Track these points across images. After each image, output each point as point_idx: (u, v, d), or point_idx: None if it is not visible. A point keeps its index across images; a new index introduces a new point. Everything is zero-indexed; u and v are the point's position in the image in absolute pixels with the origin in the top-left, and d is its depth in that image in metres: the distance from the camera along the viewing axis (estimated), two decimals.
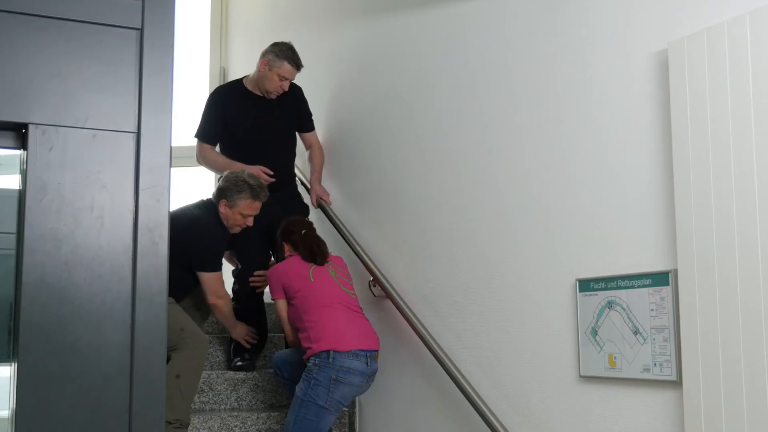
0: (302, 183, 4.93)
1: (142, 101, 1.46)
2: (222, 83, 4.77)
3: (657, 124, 2.71)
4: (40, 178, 1.37)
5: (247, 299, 4.51)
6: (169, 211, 1.49)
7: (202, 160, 4.64)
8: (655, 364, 2.67)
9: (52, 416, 1.35)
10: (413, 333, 3.78)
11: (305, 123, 4.78)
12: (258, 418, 4.04)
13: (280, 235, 4.16)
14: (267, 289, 4.35)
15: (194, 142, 4.62)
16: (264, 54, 4.52)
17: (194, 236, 4.12)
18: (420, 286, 3.92)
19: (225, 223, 4.22)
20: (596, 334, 2.89)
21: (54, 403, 1.35)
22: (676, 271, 2.58)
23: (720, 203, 2.41)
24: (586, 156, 3.00)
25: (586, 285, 2.95)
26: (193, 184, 6.42)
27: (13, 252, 1.38)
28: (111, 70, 1.47)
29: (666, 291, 2.64)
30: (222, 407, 4.28)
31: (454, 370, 3.48)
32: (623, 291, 2.79)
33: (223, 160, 4.55)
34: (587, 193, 2.98)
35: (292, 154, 4.75)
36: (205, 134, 4.59)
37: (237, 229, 4.27)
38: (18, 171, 1.44)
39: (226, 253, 4.55)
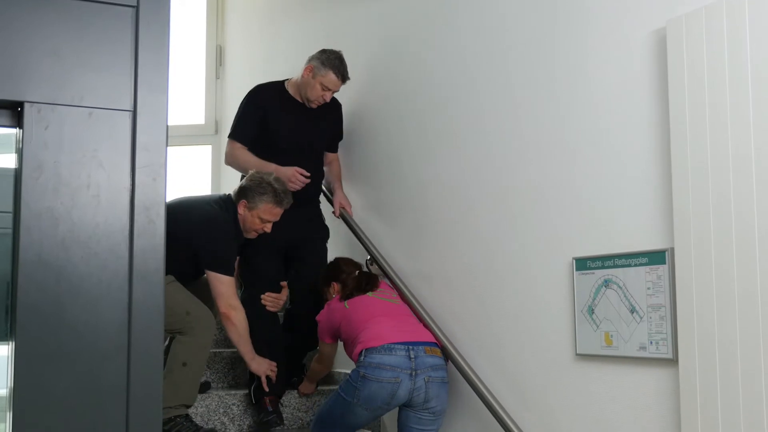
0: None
1: (138, 79, 1.46)
2: (261, 85, 4.42)
3: (655, 102, 2.70)
4: (37, 156, 1.36)
5: (257, 322, 3.97)
6: (165, 190, 1.48)
7: (232, 159, 4.28)
8: (651, 343, 2.68)
9: (49, 394, 1.35)
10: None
11: (334, 144, 4.51)
12: None
13: (329, 273, 3.88)
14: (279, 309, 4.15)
15: (191, 120, 4.56)
16: (310, 59, 4.20)
17: (206, 233, 3.82)
18: (418, 266, 3.92)
19: (241, 225, 3.91)
20: (593, 313, 2.90)
21: (52, 381, 1.35)
22: (672, 249, 2.59)
23: (717, 182, 2.41)
24: (583, 135, 2.99)
25: (582, 263, 2.95)
26: (190, 163, 6.42)
27: (10, 231, 1.37)
28: (107, 48, 1.47)
29: (662, 269, 2.64)
30: (220, 386, 4.29)
31: (451, 349, 3.49)
32: (620, 269, 2.80)
33: (255, 160, 4.18)
34: (584, 172, 2.98)
35: (321, 167, 4.42)
36: (239, 133, 4.25)
37: (253, 235, 3.94)
38: (14, 150, 1.43)
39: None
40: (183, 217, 3.78)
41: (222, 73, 6.55)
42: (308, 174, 4.11)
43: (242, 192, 3.90)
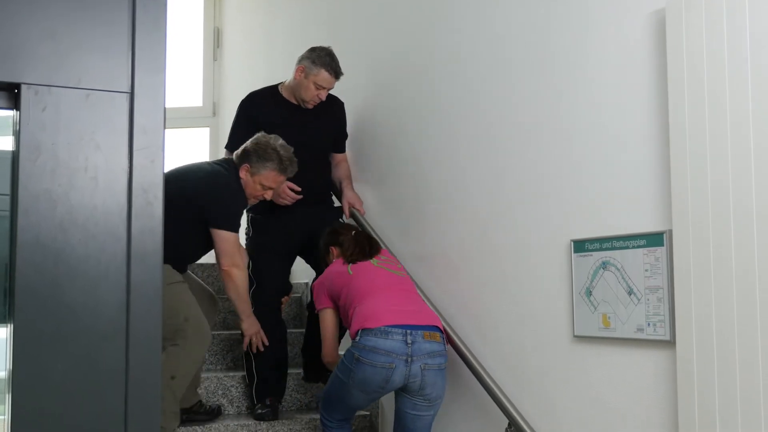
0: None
1: (135, 61, 1.45)
2: (259, 91, 4.34)
3: (653, 83, 2.69)
4: (34, 138, 1.36)
5: (264, 322, 3.93)
6: (163, 172, 1.48)
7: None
8: (648, 324, 2.68)
9: (48, 376, 1.35)
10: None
11: (340, 143, 4.41)
12: None
13: (327, 239, 3.80)
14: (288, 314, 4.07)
15: (189, 103, 4.55)
16: (300, 60, 4.12)
17: (212, 188, 3.69)
18: (415, 247, 3.93)
19: None
20: (590, 295, 2.91)
21: (50, 363, 1.36)
22: (670, 231, 2.59)
23: (715, 164, 2.41)
24: (581, 117, 2.99)
25: (580, 245, 2.95)
26: (188, 146, 6.41)
27: (8, 213, 1.37)
28: (104, 30, 1.46)
29: (660, 251, 2.65)
30: (218, 367, 4.30)
31: (449, 331, 3.49)
32: (618, 252, 2.80)
33: None
34: (582, 154, 2.98)
35: (328, 170, 4.36)
36: (232, 144, 4.14)
37: (252, 201, 3.83)
38: (11, 132, 1.43)
39: None
40: (191, 176, 3.71)
41: (220, 55, 6.53)
42: (299, 189, 4.01)
43: (245, 155, 3.76)
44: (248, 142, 3.79)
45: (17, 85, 1.37)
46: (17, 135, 1.38)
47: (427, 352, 3.26)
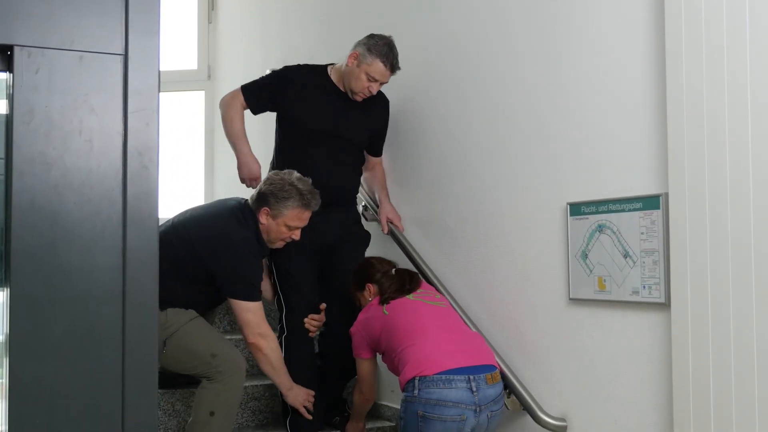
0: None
1: (129, 23, 1.44)
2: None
3: (651, 46, 2.68)
4: (27, 101, 1.35)
5: (297, 349, 3.59)
6: (158, 135, 1.47)
7: (225, 108, 3.78)
8: (644, 287, 2.69)
9: (45, 340, 1.36)
10: (405, 257, 3.79)
11: (378, 145, 3.97)
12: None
13: (362, 274, 3.41)
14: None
15: (184, 66, 4.40)
16: (355, 46, 3.68)
17: (223, 255, 3.27)
18: (411, 210, 3.92)
19: (265, 237, 3.36)
20: (586, 258, 2.91)
21: (47, 327, 1.36)
22: (666, 194, 2.59)
23: (712, 127, 2.40)
24: (578, 79, 2.98)
25: (576, 209, 2.95)
26: (183, 109, 6.38)
27: (2, 177, 1.37)
28: None
29: (656, 214, 2.65)
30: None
31: (445, 294, 3.50)
32: (614, 215, 2.80)
33: (239, 127, 3.73)
34: (579, 117, 2.97)
35: (360, 166, 3.91)
36: (250, 92, 3.75)
37: (279, 245, 3.41)
38: (4, 95, 1.42)
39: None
40: (194, 233, 3.32)
41: (214, 17, 6.47)
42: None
43: (262, 199, 3.34)
44: (261, 185, 3.39)
45: (10, 47, 1.36)
46: (10, 98, 1.37)
47: (492, 398, 2.97)
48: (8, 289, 1.35)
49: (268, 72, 4.05)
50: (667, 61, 2.55)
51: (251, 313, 3.26)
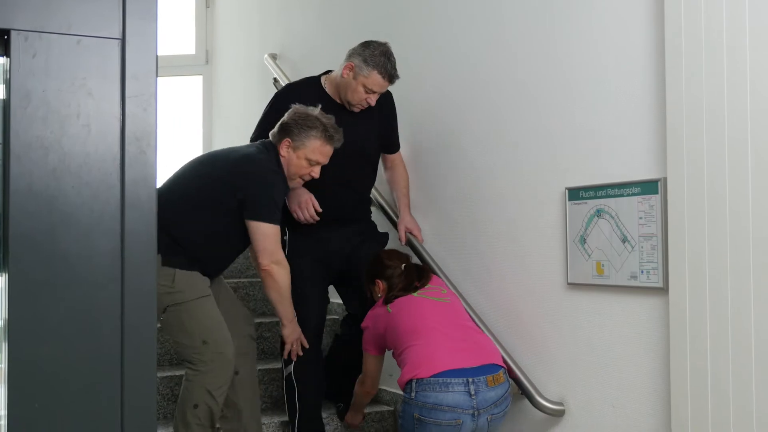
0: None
1: (127, 7, 1.43)
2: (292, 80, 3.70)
3: (650, 30, 2.68)
4: (24, 85, 1.35)
5: (309, 356, 3.47)
6: (156, 120, 1.47)
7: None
8: (642, 272, 2.70)
9: (44, 325, 1.36)
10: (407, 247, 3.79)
11: (392, 142, 3.79)
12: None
13: (373, 269, 3.35)
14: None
15: (181, 51, 4.42)
16: (350, 55, 3.47)
17: (248, 173, 3.19)
18: (410, 196, 3.92)
19: (285, 171, 3.26)
20: (585, 243, 2.92)
21: (46, 311, 1.36)
22: (665, 179, 2.59)
23: (711, 112, 2.40)
24: (577, 64, 2.97)
25: (575, 193, 2.95)
26: (181, 94, 6.37)
27: (0, 162, 1.37)
28: None
29: (655, 199, 2.65)
30: None
31: (443, 277, 3.51)
32: (612, 199, 2.81)
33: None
34: (577, 101, 2.96)
35: (372, 179, 3.77)
36: (259, 137, 3.55)
37: (297, 183, 3.32)
38: (1, 80, 1.42)
39: None
40: (221, 161, 3.28)
41: (212, 1, 6.45)
42: (320, 210, 3.47)
43: (284, 129, 3.25)
44: (285, 116, 3.30)
45: (7, 31, 1.35)
46: (8, 82, 1.36)
47: (493, 401, 2.90)
48: (6, 274, 1.35)
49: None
50: (666, 46, 2.55)
51: (269, 238, 3.15)
